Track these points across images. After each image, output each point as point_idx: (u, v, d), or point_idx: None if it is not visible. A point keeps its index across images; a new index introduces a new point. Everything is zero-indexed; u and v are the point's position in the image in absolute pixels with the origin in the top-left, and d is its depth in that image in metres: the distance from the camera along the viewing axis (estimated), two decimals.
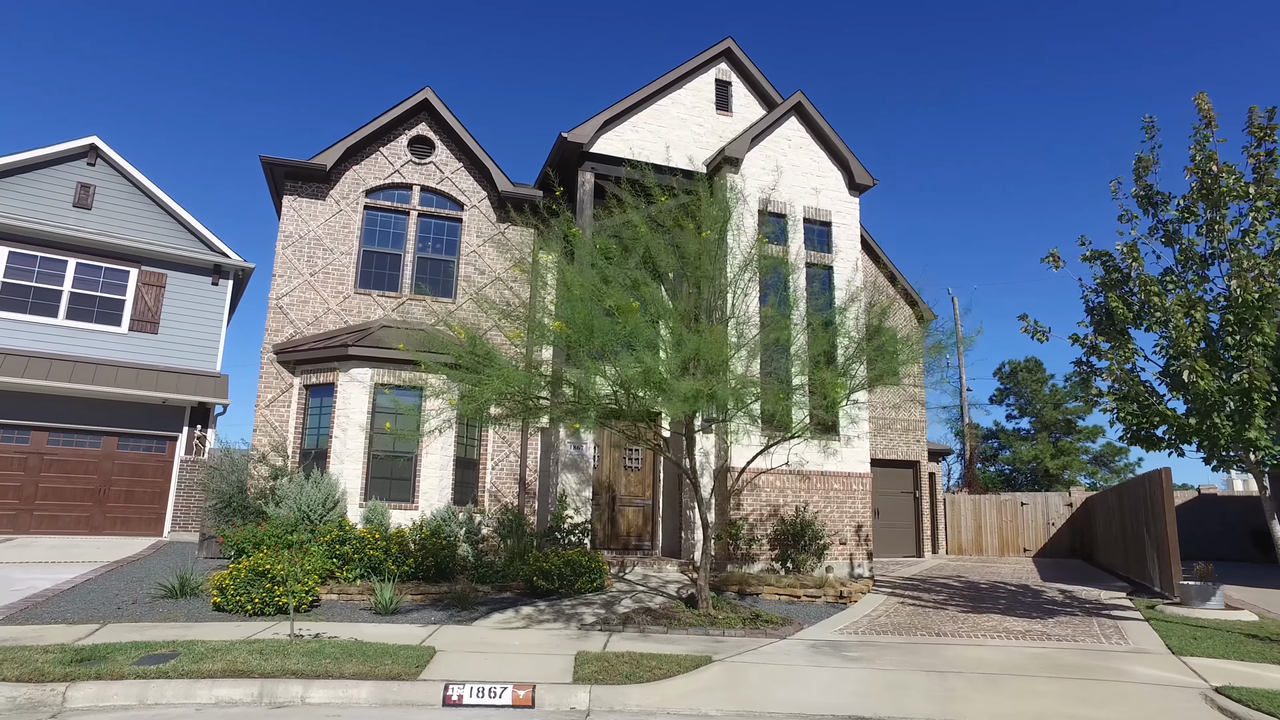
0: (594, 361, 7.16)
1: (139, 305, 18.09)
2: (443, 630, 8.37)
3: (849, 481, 14.39)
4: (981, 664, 7.38)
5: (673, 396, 7.01)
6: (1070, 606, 11.34)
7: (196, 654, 6.45)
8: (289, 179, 14.17)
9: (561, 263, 8.34)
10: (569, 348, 7.37)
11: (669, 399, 7.10)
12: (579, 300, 7.18)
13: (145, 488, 17.57)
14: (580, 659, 6.99)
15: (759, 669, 7.04)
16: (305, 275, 13.89)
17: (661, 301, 8.48)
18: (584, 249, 8.32)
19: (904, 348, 8.72)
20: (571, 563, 10.91)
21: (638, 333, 7.12)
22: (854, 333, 9.79)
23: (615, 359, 7.35)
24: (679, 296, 9.22)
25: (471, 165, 15.30)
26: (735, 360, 8.47)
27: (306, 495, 11.26)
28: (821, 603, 11.20)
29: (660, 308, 8.21)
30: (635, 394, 7.40)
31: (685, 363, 7.50)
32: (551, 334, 7.27)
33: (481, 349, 7.64)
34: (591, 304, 7.22)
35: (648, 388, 7.19)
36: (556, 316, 7.70)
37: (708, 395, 7.26)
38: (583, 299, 7.20)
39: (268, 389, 13.24)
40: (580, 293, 7.26)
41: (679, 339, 7.51)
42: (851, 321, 10.11)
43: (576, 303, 7.15)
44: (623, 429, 8.88)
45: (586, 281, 7.42)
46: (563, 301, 7.75)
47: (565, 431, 13.33)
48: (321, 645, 6.95)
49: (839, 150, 15.66)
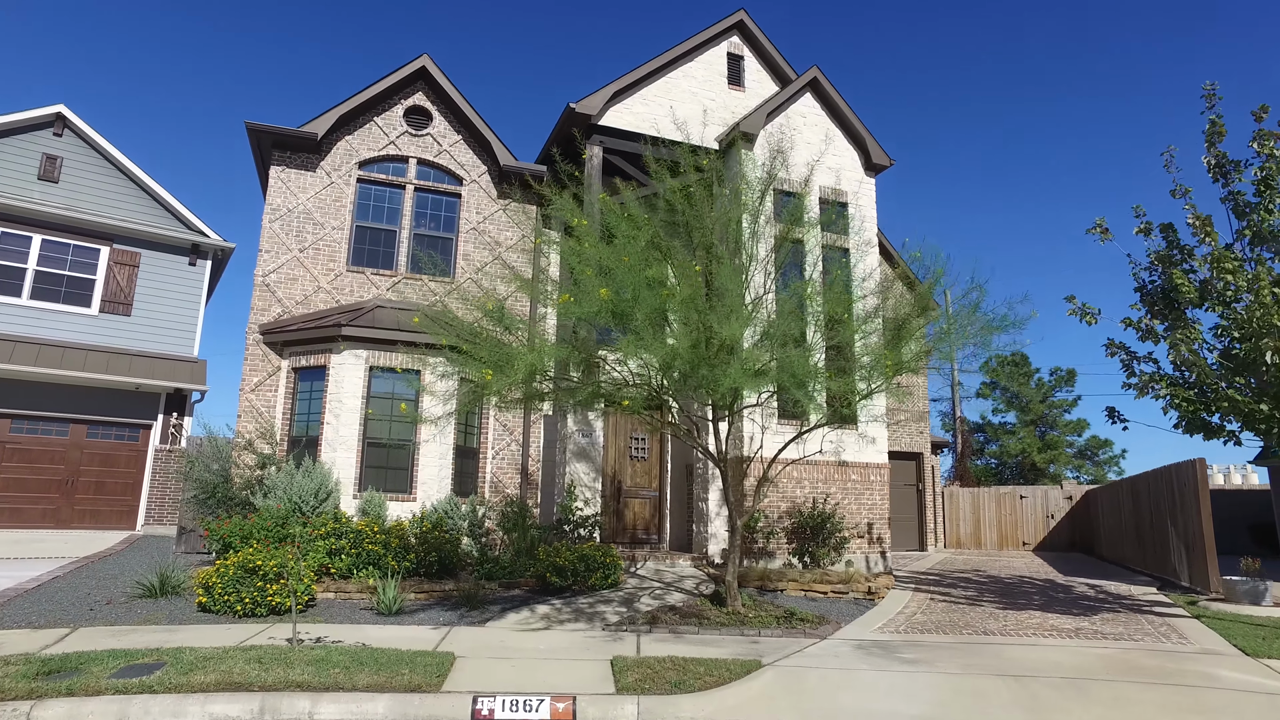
0: (635, 335, 6.41)
1: (110, 285, 17.02)
2: (456, 632, 7.60)
3: (866, 472, 13.79)
4: (1052, 666, 6.77)
5: (735, 373, 6.29)
6: (1107, 602, 10.82)
7: (185, 663, 5.63)
8: (276, 148, 13.24)
9: (588, 231, 7.56)
10: (615, 317, 6.60)
11: (734, 376, 6.38)
12: (628, 267, 6.43)
13: (117, 479, 16.54)
14: (618, 665, 6.28)
15: (815, 674, 6.37)
16: (294, 251, 12.98)
17: (695, 274, 7.75)
18: (616, 215, 7.54)
19: (953, 324, 8.06)
20: (585, 558, 10.19)
21: (691, 302, 6.39)
22: (891, 312, 9.16)
23: (657, 333, 6.62)
24: (690, 274, 8.53)
25: (471, 138, 14.46)
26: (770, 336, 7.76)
27: (297, 485, 10.41)
28: (849, 599, 10.58)
29: (696, 280, 7.49)
30: (695, 371, 6.65)
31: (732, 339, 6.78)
32: (585, 305, 6.50)
33: (509, 320, 6.87)
34: (639, 271, 6.48)
35: (706, 364, 6.47)
36: (569, 288, 6.91)
37: (786, 373, 6.54)
38: (632, 265, 6.46)
39: (254, 372, 12.33)
40: (630, 259, 6.51)
41: (733, 311, 6.77)
42: (891, 301, 9.46)
43: (626, 270, 6.41)
44: (647, 417, 8.16)
45: (633, 248, 6.67)
46: (584, 271, 6.99)
47: (573, 419, 12.58)
48: (327, 652, 6.16)
49: (855, 129, 15.03)
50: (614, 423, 13.81)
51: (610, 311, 6.50)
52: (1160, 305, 8.99)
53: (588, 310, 6.47)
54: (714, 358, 6.56)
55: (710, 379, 6.63)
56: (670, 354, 6.32)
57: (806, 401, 7.20)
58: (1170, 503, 13.36)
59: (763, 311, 7.94)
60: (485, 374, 6.46)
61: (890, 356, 7.55)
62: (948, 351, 7.94)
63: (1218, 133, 8.89)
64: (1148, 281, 9.31)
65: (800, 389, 7.03)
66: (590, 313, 6.50)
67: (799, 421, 13.07)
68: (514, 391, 7.28)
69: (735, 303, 6.96)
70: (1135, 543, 16.50)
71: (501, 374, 6.47)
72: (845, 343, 7.87)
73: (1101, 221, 9.34)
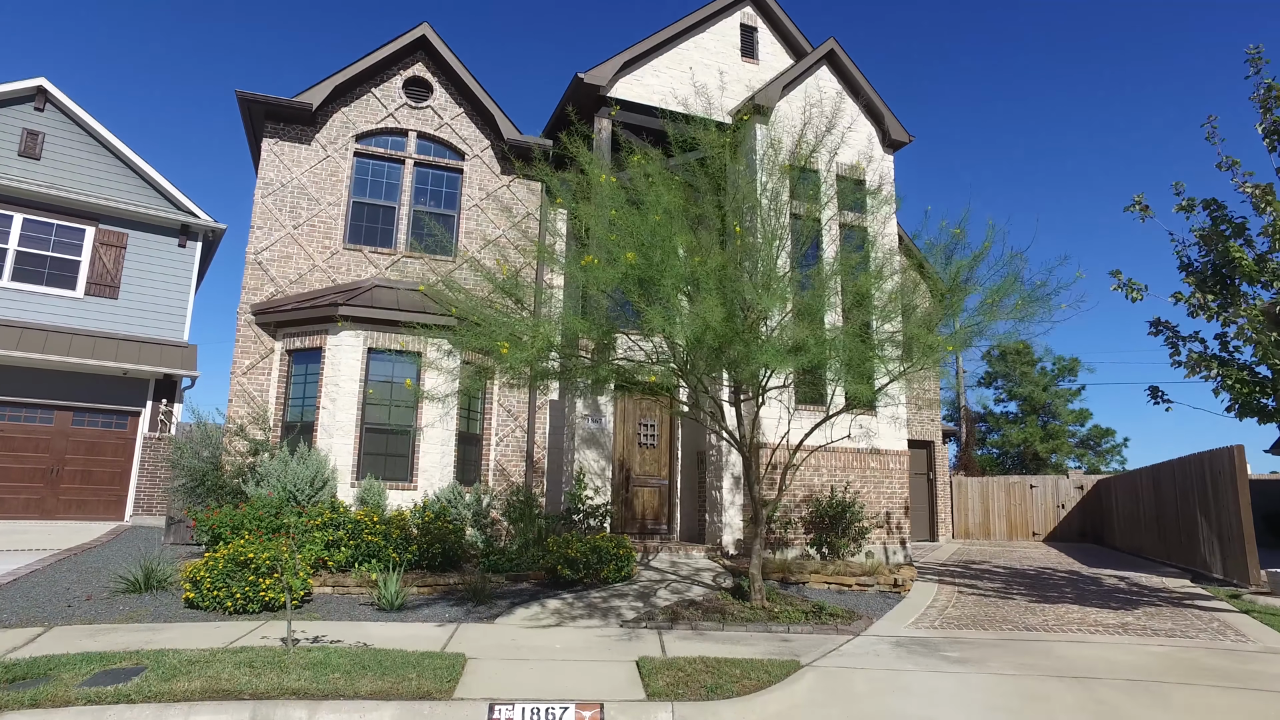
0: (662, 306, 5.83)
1: (96, 267, 16.34)
2: (464, 630, 7.05)
3: (886, 459, 13.26)
4: (1110, 667, 6.25)
5: (773, 351, 5.72)
6: (1144, 595, 10.33)
7: (168, 668, 5.05)
8: (269, 120, 12.57)
9: (611, 194, 6.94)
10: (641, 285, 6.02)
11: (772, 354, 5.82)
12: (656, 227, 5.84)
13: (104, 467, 15.91)
14: (645, 667, 5.73)
15: (860, 676, 5.83)
16: (288, 228, 12.34)
17: (718, 247, 7.16)
18: (640, 175, 6.93)
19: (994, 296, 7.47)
20: (597, 549, 9.64)
21: (724, 269, 5.81)
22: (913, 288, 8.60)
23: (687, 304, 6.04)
24: (713, 245, 7.95)
25: (474, 111, 13.81)
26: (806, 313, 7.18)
27: (292, 473, 9.83)
28: (873, 592, 10.07)
29: (732, 247, 6.90)
30: (728, 346, 6.08)
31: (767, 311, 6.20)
32: (609, 270, 5.90)
33: (521, 291, 6.28)
34: (667, 234, 5.90)
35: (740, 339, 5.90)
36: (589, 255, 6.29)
37: (833, 351, 5.97)
38: (660, 226, 5.86)
39: (245, 354, 11.71)
40: (660, 217, 5.91)
41: (769, 281, 6.19)
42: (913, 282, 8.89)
43: (654, 230, 5.82)
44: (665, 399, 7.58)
45: (662, 206, 6.07)
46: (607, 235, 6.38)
47: (582, 403, 12.00)
48: (326, 654, 5.59)
49: (874, 104, 14.43)
50: (622, 408, 13.24)
51: (637, 278, 5.92)
52: (1210, 282, 8.44)
53: (612, 276, 5.88)
54: (747, 332, 5.99)
55: (745, 355, 6.06)
56: (701, 327, 5.74)
57: (848, 383, 6.63)
58: (1201, 491, 12.87)
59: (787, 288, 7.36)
60: (501, 347, 5.88)
61: (924, 337, 6.97)
62: (985, 325, 7.36)
63: (1275, 97, 8.32)
64: (1195, 259, 8.76)
65: (846, 369, 6.47)
66: (615, 278, 5.92)
67: (816, 407, 12.56)
68: (526, 369, 6.69)
69: (770, 271, 6.38)
70: (1155, 533, 16.04)
71: (517, 348, 5.89)
72: (883, 319, 7.30)
73: (1140, 199, 8.80)
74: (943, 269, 8.13)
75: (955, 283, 7.43)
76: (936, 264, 8.25)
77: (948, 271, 7.60)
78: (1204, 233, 8.60)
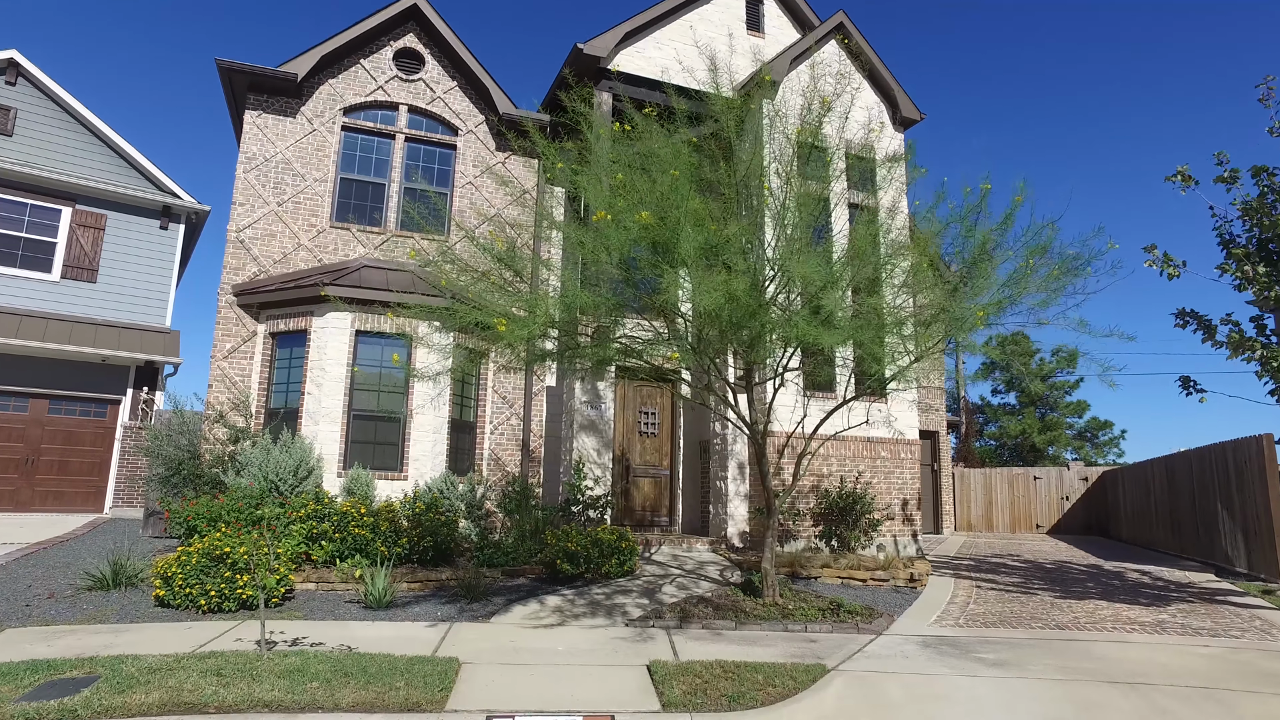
0: (675, 273, 5.27)
1: (73, 249, 15.68)
2: (457, 630, 6.51)
3: (896, 448, 12.76)
4: (1160, 670, 5.76)
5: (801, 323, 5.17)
6: (1171, 591, 9.87)
7: (124, 678, 4.49)
8: (252, 91, 11.93)
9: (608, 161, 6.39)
10: (655, 251, 5.45)
11: (806, 328, 5.27)
12: (675, 182, 5.28)
13: (82, 458, 15.29)
14: (658, 673, 5.20)
15: (893, 682, 5.32)
16: (272, 205, 11.72)
17: (735, 215, 6.61)
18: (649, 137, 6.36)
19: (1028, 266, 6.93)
20: (599, 542, 9.11)
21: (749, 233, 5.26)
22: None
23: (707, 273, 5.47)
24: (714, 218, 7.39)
25: (467, 85, 13.19)
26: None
27: (274, 461, 9.25)
28: (889, 587, 9.57)
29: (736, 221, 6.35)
30: (750, 320, 5.53)
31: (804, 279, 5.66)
32: (620, 233, 5.33)
33: (520, 262, 5.72)
34: (683, 194, 5.35)
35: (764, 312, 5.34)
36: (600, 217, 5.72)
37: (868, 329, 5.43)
38: (679, 184, 5.30)
39: (226, 337, 11.11)
40: (678, 173, 5.35)
41: (794, 251, 5.64)
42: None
43: (674, 183, 5.26)
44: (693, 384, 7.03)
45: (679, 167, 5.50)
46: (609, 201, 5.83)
47: (581, 389, 11.46)
48: (304, 659, 5.04)
49: (884, 80, 13.87)
50: (622, 395, 12.70)
51: (650, 242, 5.36)
52: (1256, 258, 7.94)
53: (622, 239, 5.32)
54: (771, 305, 5.44)
55: (762, 331, 5.52)
56: (724, 297, 5.18)
57: (873, 363, 6.10)
58: (1223, 482, 12.41)
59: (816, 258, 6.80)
60: (499, 324, 5.32)
61: (956, 308, 6.42)
62: (1018, 296, 6.82)
63: None
64: (1238, 234, 8.26)
65: (876, 346, 5.94)
66: (626, 242, 5.35)
67: (824, 394, 12.05)
68: (524, 349, 6.14)
69: (802, 237, 5.84)
70: (1168, 526, 15.62)
71: (516, 325, 5.34)
72: (913, 291, 6.75)
73: (1184, 170, 8.28)
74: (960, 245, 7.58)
75: (983, 250, 6.89)
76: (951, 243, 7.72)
77: (972, 240, 7.05)
78: (1250, 204, 8.09)
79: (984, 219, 7.22)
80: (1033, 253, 6.69)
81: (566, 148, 8.02)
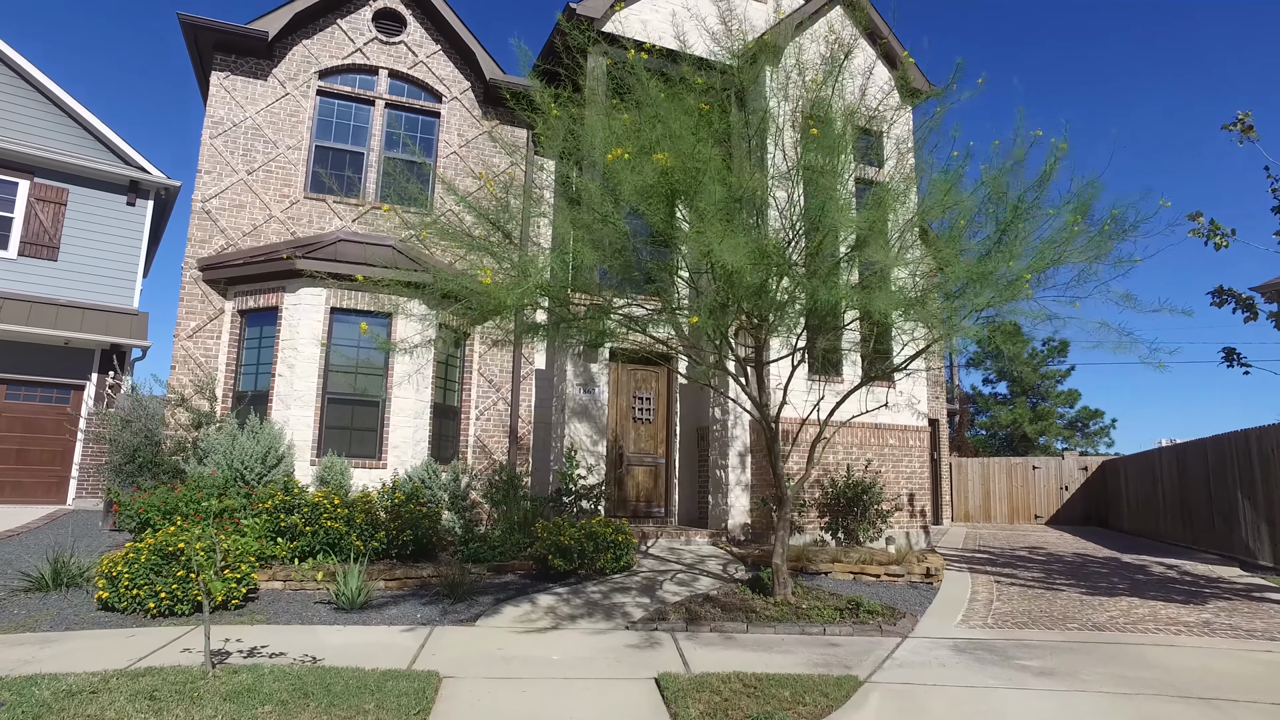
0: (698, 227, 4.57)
1: (32, 225, 14.75)
2: (439, 636, 5.81)
3: (905, 435, 12.15)
4: (1232, 681, 5.14)
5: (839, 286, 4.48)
6: (1204, 586, 9.31)
7: (34, 704, 3.76)
8: (219, 51, 11.08)
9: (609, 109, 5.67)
10: (673, 198, 4.73)
11: (878, 298, 4.58)
12: (701, 116, 4.58)
13: (43, 446, 14.43)
14: (670, 688, 4.52)
15: (936, 697, 4.67)
16: (240, 174, 10.89)
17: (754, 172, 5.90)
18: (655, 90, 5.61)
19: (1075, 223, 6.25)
20: (593, 535, 8.43)
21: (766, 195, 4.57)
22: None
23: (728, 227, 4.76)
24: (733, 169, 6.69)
25: (452, 49, 12.37)
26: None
27: (240, 448, 8.49)
28: (904, 583, 8.94)
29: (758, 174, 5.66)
30: (779, 280, 4.84)
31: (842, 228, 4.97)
32: (635, 175, 4.61)
33: (512, 222, 5.00)
34: (705, 135, 4.66)
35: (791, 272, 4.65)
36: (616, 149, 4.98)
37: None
38: (702, 122, 4.61)
39: (191, 315, 10.30)
40: (703, 107, 4.66)
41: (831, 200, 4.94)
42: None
43: (698, 116, 4.56)
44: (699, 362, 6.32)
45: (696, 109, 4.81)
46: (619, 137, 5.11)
47: (573, 370, 10.75)
48: (257, 677, 4.31)
49: (893, 50, 13.19)
50: (616, 378, 12.01)
51: (667, 190, 4.65)
52: None
53: (635, 184, 4.60)
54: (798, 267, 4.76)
55: (788, 296, 4.82)
56: (756, 251, 4.47)
57: (936, 328, 5.43)
58: (1245, 471, 11.89)
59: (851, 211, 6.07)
60: (487, 281, 4.61)
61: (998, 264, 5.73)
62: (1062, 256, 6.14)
63: None
64: None
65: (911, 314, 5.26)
66: (640, 188, 4.64)
67: (829, 377, 11.41)
68: (512, 319, 5.42)
69: (832, 192, 5.13)
70: (1178, 516, 15.14)
71: (506, 289, 4.63)
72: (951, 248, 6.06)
73: (1245, 117, 7.63)
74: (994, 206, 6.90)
75: (1020, 208, 6.22)
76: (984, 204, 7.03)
77: (1007, 200, 6.37)
78: None
79: (1019, 176, 6.55)
80: (1077, 209, 6.02)
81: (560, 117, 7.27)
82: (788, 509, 7.62)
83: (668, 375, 12.47)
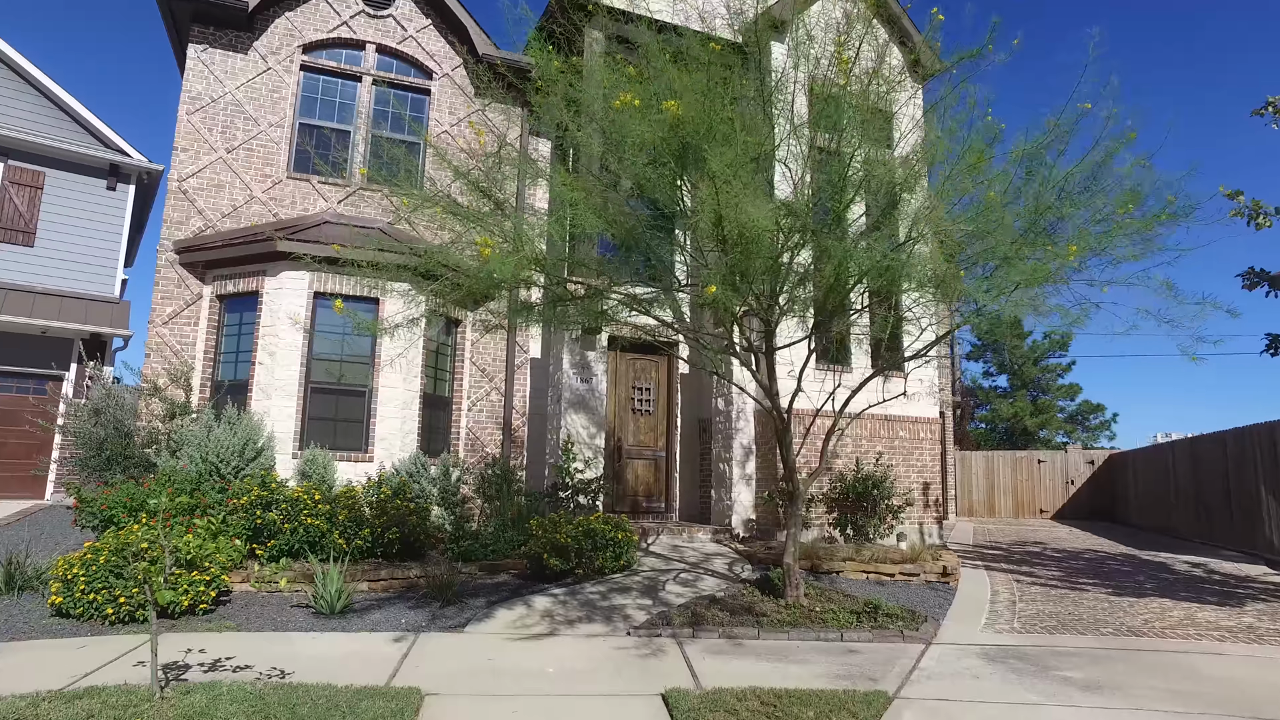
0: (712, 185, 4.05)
1: (7, 210, 14.17)
2: (425, 644, 5.31)
3: (916, 427, 11.67)
4: None
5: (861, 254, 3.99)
6: (1235, 586, 8.86)
7: None
8: (197, 23, 10.50)
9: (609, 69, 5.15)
10: (683, 155, 4.22)
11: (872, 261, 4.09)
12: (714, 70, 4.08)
13: (19, 439, 13.85)
14: (680, 706, 4.03)
15: (975, 715, 4.19)
16: (220, 152, 10.34)
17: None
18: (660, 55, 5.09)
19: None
20: (591, 533, 7.92)
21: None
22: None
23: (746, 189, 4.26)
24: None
25: (443, 24, 11.81)
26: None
27: (216, 440, 7.97)
28: (919, 582, 8.47)
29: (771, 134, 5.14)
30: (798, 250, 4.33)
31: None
32: (643, 127, 4.09)
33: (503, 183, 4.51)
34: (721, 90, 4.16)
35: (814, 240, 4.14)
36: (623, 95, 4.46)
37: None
38: (716, 76, 4.12)
39: (166, 300, 9.77)
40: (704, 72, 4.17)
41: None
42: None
43: (712, 71, 4.07)
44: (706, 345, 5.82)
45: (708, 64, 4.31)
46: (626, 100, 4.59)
47: (570, 359, 10.24)
48: (213, 697, 3.80)
49: (903, 25, 12.66)
50: (614, 368, 11.50)
51: (678, 145, 4.14)
52: None
53: (645, 135, 4.09)
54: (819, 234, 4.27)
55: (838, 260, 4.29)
56: (782, 209, 3.98)
57: (982, 295, 4.94)
58: (1270, 465, 11.43)
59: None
60: (484, 250, 4.11)
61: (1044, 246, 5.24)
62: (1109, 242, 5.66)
63: None
64: None
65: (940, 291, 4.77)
66: (650, 139, 4.13)
67: (836, 367, 10.92)
68: (506, 296, 4.92)
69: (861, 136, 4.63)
70: (1191, 511, 14.70)
71: (500, 260, 4.13)
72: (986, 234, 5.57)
73: (1276, 100, 7.16)
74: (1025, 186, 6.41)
75: (1066, 186, 5.72)
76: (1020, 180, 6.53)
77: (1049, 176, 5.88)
78: None
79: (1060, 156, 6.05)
80: (1124, 200, 5.53)
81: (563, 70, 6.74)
82: (799, 505, 7.14)
83: (668, 365, 11.98)
